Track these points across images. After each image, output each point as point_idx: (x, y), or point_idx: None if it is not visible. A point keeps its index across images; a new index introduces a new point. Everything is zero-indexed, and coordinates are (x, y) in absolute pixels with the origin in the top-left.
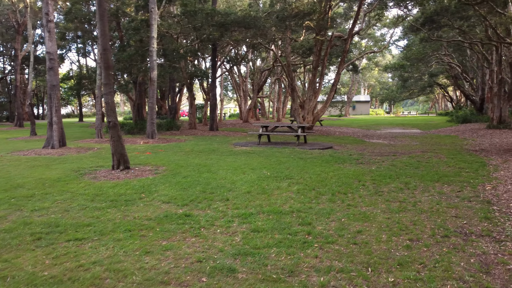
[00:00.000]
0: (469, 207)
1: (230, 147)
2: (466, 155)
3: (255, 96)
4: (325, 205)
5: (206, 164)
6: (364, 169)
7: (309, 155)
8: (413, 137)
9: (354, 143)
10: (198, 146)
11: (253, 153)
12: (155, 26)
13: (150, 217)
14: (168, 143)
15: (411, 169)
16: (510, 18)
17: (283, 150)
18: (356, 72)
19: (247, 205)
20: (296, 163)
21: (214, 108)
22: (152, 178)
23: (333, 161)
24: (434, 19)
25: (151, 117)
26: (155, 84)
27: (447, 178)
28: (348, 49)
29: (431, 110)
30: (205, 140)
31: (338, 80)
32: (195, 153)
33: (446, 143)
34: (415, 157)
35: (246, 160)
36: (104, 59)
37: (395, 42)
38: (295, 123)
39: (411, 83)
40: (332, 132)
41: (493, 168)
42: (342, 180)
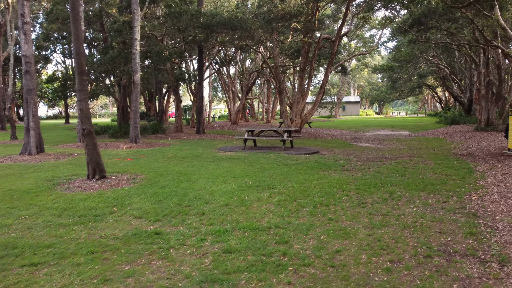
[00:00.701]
0: (454, 221)
1: (214, 152)
2: (453, 161)
3: (243, 97)
4: (305, 219)
5: (186, 172)
6: (349, 176)
7: (295, 161)
8: (401, 140)
9: (342, 147)
10: (182, 151)
11: (237, 159)
12: (138, 28)
13: (118, 236)
14: (152, 147)
15: (397, 176)
16: (496, 20)
17: (268, 156)
18: (345, 73)
19: (223, 220)
20: (280, 170)
21: (201, 111)
22: (128, 189)
23: (318, 168)
24: (422, 21)
25: (134, 121)
26: (139, 87)
27: (433, 187)
28: (336, 51)
29: (421, 111)
30: (190, 144)
31: (326, 82)
32: (178, 159)
33: (434, 146)
34: (402, 163)
35: (229, 167)
36: (77, 64)
37: (384, 43)
38: (283, 126)
39: (400, 84)
40: (320, 134)
41: (480, 174)
42: (325, 190)
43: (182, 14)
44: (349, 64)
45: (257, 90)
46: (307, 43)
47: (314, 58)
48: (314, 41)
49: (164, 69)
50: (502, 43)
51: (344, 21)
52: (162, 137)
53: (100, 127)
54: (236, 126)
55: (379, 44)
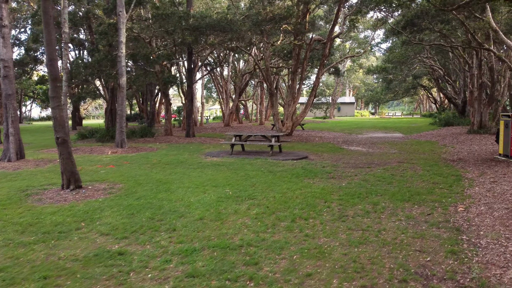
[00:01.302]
0: (437, 237)
1: (200, 158)
2: (442, 167)
3: (236, 99)
4: (281, 235)
5: (167, 180)
6: (334, 185)
7: (281, 167)
8: (392, 144)
9: (332, 151)
10: (168, 156)
11: (222, 165)
12: (123, 31)
13: (78, 257)
14: (138, 152)
15: (383, 185)
16: (488, 23)
17: (254, 162)
18: (338, 75)
19: (194, 237)
20: (264, 178)
21: (190, 114)
22: (102, 200)
23: (303, 175)
24: (414, 22)
25: (120, 125)
26: (124, 90)
27: (419, 197)
28: (328, 53)
29: (416, 111)
30: (178, 149)
31: (318, 84)
32: (161, 166)
33: (425, 150)
34: (390, 169)
35: (212, 175)
36: (50, 70)
37: (378, 44)
38: (275, 128)
39: (395, 84)
40: (312, 137)
41: (468, 182)
42: (307, 201)
43: (169, 16)
44: (344, 65)
45: (252, 91)
46: (297, 45)
47: (305, 60)
48: (306, 43)
49: (153, 72)
50: (495, 45)
51: (336, 22)
52: (150, 141)
53: (88, 131)
54: (228, 129)
55: (372, 45)
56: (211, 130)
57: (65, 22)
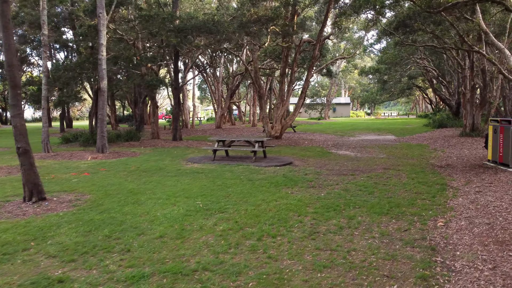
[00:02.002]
0: (409, 258)
1: (181, 164)
2: (429, 174)
3: (227, 100)
4: (243, 257)
5: (139, 190)
6: (312, 196)
7: (261, 174)
8: (382, 147)
9: (319, 156)
10: (148, 162)
11: (201, 172)
12: (103, 33)
13: (12, 287)
14: (119, 158)
15: (363, 195)
16: (478, 24)
17: (236, 168)
18: (331, 76)
19: (147, 259)
20: (242, 187)
21: (177, 116)
22: (63, 214)
23: (283, 184)
24: (407, 23)
25: (101, 129)
26: (105, 94)
27: (398, 209)
28: (319, 54)
29: (412, 111)
30: (161, 154)
31: (307, 87)
32: (138, 174)
33: (414, 155)
34: (374, 177)
35: (188, 184)
36: (10, 76)
37: (372, 45)
38: (265, 132)
39: (390, 85)
40: (301, 141)
41: (452, 192)
42: (280, 215)
43: (153, 17)
44: (339, 66)
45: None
46: (285, 47)
47: (295, 62)
48: (295, 44)
49: (137, 75)
50: (487, 47)
51: (325, 24)
52: (135, 145)
53: (72, 135)
54: (219, 131)
55: (365, 46)
56: (201, 132)
57: (44, 24)
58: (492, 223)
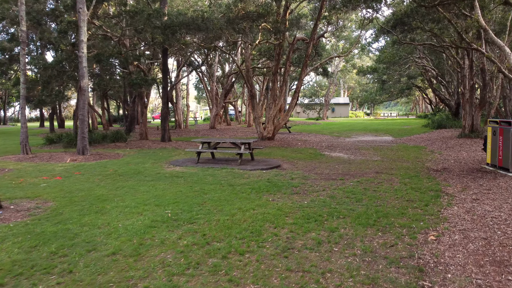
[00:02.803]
0: (392, 282)
1: (162, 167)
2: (423, 179)
3: (221, 100)
4: (200, 280)
5: (108, 197)
6: (294, 204)
7: (245, 179)
8: (378, 149)
9: (310, 158)
10: (127, 165)
11: (181, 177)
12: (84, 29)
13: None
14: (99, 160)
15: (350, 203)
16: (476, 21)
17: (219, 172)
18: (327, 76)
19: (88, 283)
20: (220, 193)
21: (166, 117)
22: (13, 226)
23: (265, 190)
24: (404, 21)
25: (82, 130)
26: (86, 93)
27: (386, 220)
28: (314, 53)
29: (412, 112)
30: (145, 156)
31: (301, 86)
32: (113, 178)
33: (410, 158)
34: (364, 182)
35: (163, 190)
36: None
37: (370, 44)
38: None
39: (389, 85)
40: (295, 142)
41: (447, 200)
42: (254, 226)
43: (137, 13)
44: (337, 66)
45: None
46: (278, 44)
47: (288, 61)
48: (288, 42)
49: (126, 73)
50: (487, 45)
51: (318, 21)
52: (121, 146)
53: (57, 135)
54: (212, 131)
55: (363, 45)
56: (193, 133)
57: (22, 20)
58: (489, 237)
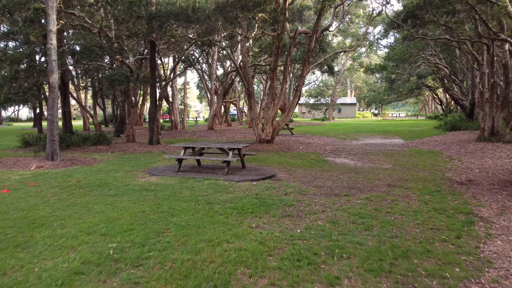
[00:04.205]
0: None
1: (135, 177)
2: (447, 195)
3: (220, 100)
4: None
5: (47, 221)
6: (284, 233)
7: (228, 194)
8: (388, 154)
9: (310, 166)
10: (96, 174)
11: (153, 190)
12: (53, 17)
13: None
14: (69, 167)
15: (357, 232)
16: (504, 8)
17: (199, 184)
18: (332, 74)
19: None
20: (192, 215)
21: (154, 117)
22: None
23: (250, 211)
24: (416, 14)
25: (51, 133)
26: (56, 91)
27: (407, 263)
28: (313, 47)
29: (421, 112)
30: (123, 162)
31: (302, 84)
32: (71, 191)
33: (425, 166)
34: (375, 200)
35: (122, 209)
36: None
37: (378, 40)
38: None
39: (398, 84)
40: (296, 145)
41: (484, 229)
42: (223, 273)
43: (117, 1)
44: (344, 64)
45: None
46: (277, 37)
47: (289, 56)
48: (289, 36)
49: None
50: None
51: (322, 11)
52: (102, 150)
53: (35, 137)
54: (210, 133)
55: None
56: (189, 134)
57: None
58: None
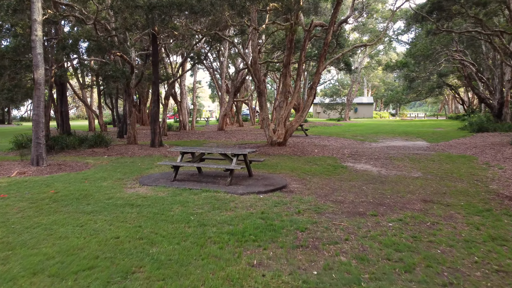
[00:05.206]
0: None
1: (123, 187)
2: (501, 215)
3: (230, 99)
4: None
5: None
6: (295, 277)
7: (228, 212)
8: (414, 159)
9: (327, 173)
10: (80, 183)
11: (139, 205)
12: (37, 5)
13: None
14: (55, 174)
15: (395, 274)
16: None
17: (195, 198)
18: (350, 71)
19: None
20: (176, 245)
21: (156, 117)
22: None
23: (252, 238)
24: (443, 6)
25: (36, 135)
26: (42, 87)
27: None
28: (330, 41)
29: (441, 112)
30: (116, 168)
31: (318, 81)
32: (41, 206)
33: (462, 174)
34: (410, 222)
35: (91, 234)
36: None
37: (398, 35)
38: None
39: (418, 83)
40: (311, 148)
41: None
42: None
43: None
44: (361, 62)
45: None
46: (290, 29)
47: (303, 51)
48: (304, 28)
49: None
50: None
51: (341, 0)
52: (99, 153)
53: (29, 139)
54: (219, 133)
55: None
56: (197, 136)
57: None
58: None
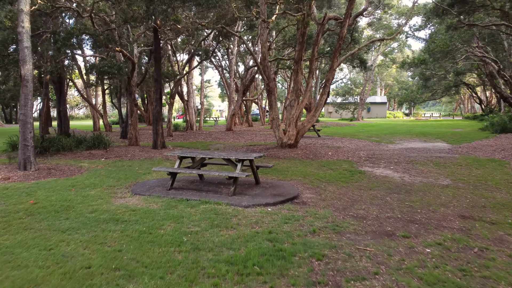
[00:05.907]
0: None
1: (112, 197)
2: None
3: (239, 98)
4: None
5: None
6: None
7: (229, 231)
8: (438, 163)
9: (344, 180)
10: (66, 192)
11: (124, 221)
12: None
13: None
14: (43, 179)
15: None
16: None
17: (192, 211)
18: (365, 68)
19: None
20: (157, 281)
21: (158, 117)
22: None
23: (256, 270)
24: None
25: (24, 136)
26: (30, 85)
27: None
28: (345, 35)
29: (456, 112)
30: (110, 172)
31: (332, 79)
32: (15, 219)
33: (497, 182)
34: (453, 247)
35: (61, 260)
36: None
37: (415, 32)
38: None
39: (433, 82)
40: (324, 150)
41: None
42: None
43: None
44: (374, 60)
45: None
46: (302, 21)
47: (316, 46)
48: (317, 22)
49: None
50: None
51: None
52: (96, 155)
53: None
54: (227, 134)
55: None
56: (204, 136)
57: None
58: None
